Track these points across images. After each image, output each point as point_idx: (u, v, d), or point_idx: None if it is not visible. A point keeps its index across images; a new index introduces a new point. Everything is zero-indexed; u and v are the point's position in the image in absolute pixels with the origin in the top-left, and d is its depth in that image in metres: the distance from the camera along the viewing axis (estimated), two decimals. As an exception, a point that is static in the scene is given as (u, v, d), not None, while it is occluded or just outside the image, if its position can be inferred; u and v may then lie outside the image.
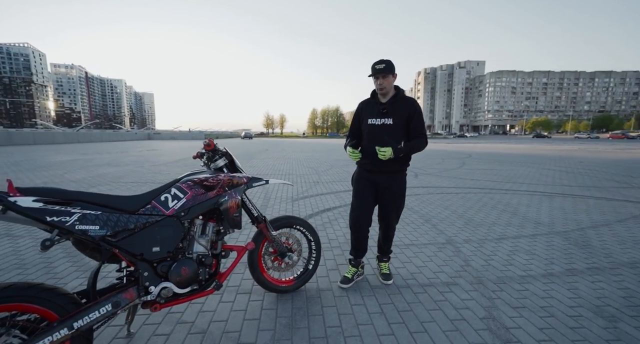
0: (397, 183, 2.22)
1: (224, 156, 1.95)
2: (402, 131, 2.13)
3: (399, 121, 2.11)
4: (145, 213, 1.53)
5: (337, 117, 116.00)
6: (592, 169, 9.47)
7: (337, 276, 2.43)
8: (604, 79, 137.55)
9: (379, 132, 2.14)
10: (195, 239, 1.71)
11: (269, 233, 2.04)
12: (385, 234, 2.37)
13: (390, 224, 2.32)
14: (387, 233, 2.36)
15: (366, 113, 2.23)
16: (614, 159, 13.01)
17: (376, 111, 2.17)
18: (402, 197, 2.26)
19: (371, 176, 2.23)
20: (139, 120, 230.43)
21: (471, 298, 2.06)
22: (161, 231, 1.55)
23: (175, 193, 1.63)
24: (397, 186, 2.22)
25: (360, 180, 2.29)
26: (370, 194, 2.25)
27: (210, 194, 1.71)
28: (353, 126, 2.35)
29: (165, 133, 50.00)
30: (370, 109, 2.21)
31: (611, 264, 2.59)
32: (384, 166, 2.14)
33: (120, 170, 9.14)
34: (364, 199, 2.26)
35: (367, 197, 2.26)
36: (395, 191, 2.22)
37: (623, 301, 2.01)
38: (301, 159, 13.35)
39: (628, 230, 3.52)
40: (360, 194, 2.27)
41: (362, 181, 2.27)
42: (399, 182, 2.23)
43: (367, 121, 2.20)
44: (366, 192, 2.25)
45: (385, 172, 2.19)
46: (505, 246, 3.03)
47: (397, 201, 2.25)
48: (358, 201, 2.28)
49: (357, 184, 2.30)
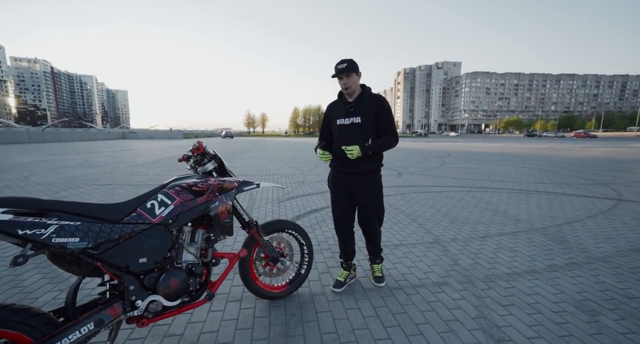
0: (370, 184, 2.17)
1: (213, 159, 1.87)
2: (372, 129, 2.10)
3: (367, 119, 2.08)
4: (130, 222, 1.43)
5: (318, 116, 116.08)
6: (561, 167, 10.05)
7: (329, 280, 2.41)
8: (568, 81, 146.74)
9: (348, 132, 2.12)
10: (184, 248, 1.63)
11: (261, 239, 1.98)
12: (370, 239, 2.31)
13: (372, 227, 2.26)
14: (372, 237, 2.30)
15: (335, 114, 2.21)
16: (579, 157, 13.89)
17: (344, 110, 2.15)
18: (378, 198, 2.21)
19: (345, 178, 2.20)
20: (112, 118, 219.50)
21: (462, 298, 2.10)
22: (148, 241, 1.46)
23: (162, 199, 1.54)
24: (371, 188, 2.17)
25: (334, 183, 2.27)
26: (346, 196, 2.22)
27: (200, 200, 1.63)
28: (323, 128, 2.33)
29: (142, 132, 47.81)
30: (338, 109, 2.19)
31: (587, 259, 2.74)
32: (355, 167, 2.11)
33: (93, 172, 8.64)
34: (340, 202, 2.24)
35: (343, 200, 2.23)
36: (370, 192, 2.18)
37: (601, 295, 2.12)
38: (284, 159, 13.23)
39: (598, 225, 3.75)
40: (336, 197, 2.26)
41: (337, 184, 2.25)
42: (373, 183, 2.18)
43: (336, 121, 2.17)
44: (341, 194, 2.23)
45: (357, 173, 2.15)
46: (490, 244, 3.13)
47: (374, 202, 2.20)
48: (335, 205, 2.28)
49: (332, 187, 2.28)
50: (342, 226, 2.29)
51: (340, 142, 2.15)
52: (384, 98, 2.15)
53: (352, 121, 2.12)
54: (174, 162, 11.54)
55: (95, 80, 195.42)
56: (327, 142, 2.31)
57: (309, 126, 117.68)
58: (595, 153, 16.06)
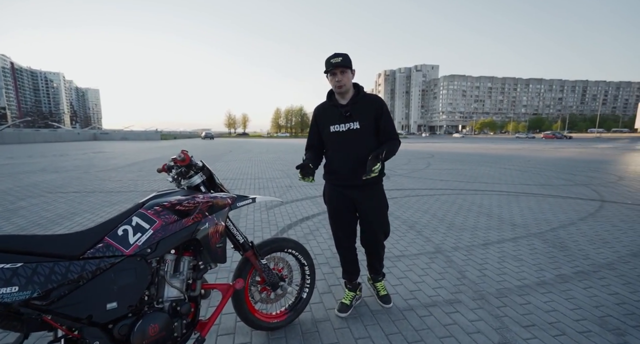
0: (375, 197, 1.93)
1: (201, 171, 1.58)
2: (371, 134, 1.86)
3: (366, 124, 1.83)
4: (95, 256, 1.12)
5: (300, 116, 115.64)
6: (539, 167, 10.39)
7: (332, 301, 2.17)
8: (536, 85, 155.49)
9: (345, 140, 1.85)
10: (166, 282, 1.33)
11: (258, 262, 1.71)
12: (375, 255, 2.07)
13: (376, 241, 2.02)
14: (376, 250, 2.05)
15: (326, 119, 1.92)
16: (553, 157, 14.53)
17: (337, 115, 1.85)
18: (382, 211, 1.98)
19: (345, 192, 1.93)
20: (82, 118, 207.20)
21: (479, 318, 1.93)
22: (119, 279, 1.15)
23: (138, 223, 1.24)
24: (376, 201, 1.93)
25: (333, 198, 1.99)
26: (347, 211, 1.97)
27: (186, 222, 1.34)
28: (311, 135, 2.03)
29: (115, 133, 45.22)
30: (330, 114, 1.90)
31: (592, 267, 2.67)
32: (355, 178, 1.82)
33: (58, 177, 7.89)
34: (342, 219, 2.00)
35: (344, 216, 1.99)
36: (376, 206, 1.94)
37: (619, 309, 2.02)
38: (269, 161, 12.85)
39: (591, 228, 3.76)
40: (337, 213, 2.00)
41: (336, 199, 1.97)
42: (378, 196, 1.95)
43: (329, 128, 1.88)
44: (342, 210, 1.98)
45: (359, 186, 1.87)
46: (493, 252, 3.02)
47: (379, 217, 1.96)
48: (336, 222, 2.02)
49: (331, 203, 2.01)
50: (345, 245, 2.05)
51: (338, 151, 1.90)
52: (380, 98, 1.90)
53: (349, 127, 1.83)
54: (152, 165, 10.86)
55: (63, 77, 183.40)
56: (315, 152, 2.01)
57: (291, 126, 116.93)
58: (566, 154, 16.89)
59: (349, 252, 2.07)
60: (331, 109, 1.91)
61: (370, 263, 2.12)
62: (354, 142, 1.85)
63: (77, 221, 4.07)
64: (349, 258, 2.08)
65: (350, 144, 1.85)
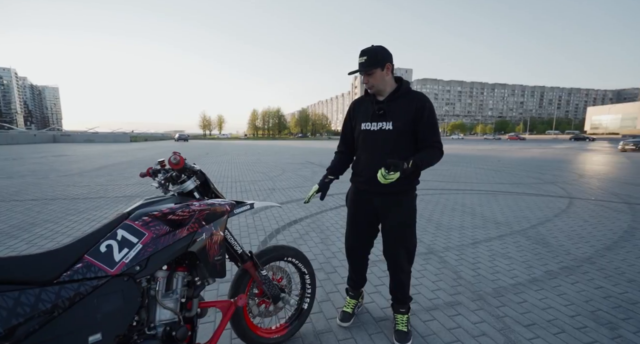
0: (402, 208, 1.70)
1: (194, 176, 1.42)
2: (406, 138, 1.64)
3: (401, 125, 1.61)
4: (73, 279, 0.95)
5: (278, 118, 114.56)
6: (510, 167, 10.98)
7: (332, 309, 2.07)
8: (501, 90, 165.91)
9: (375, 141, 1.67)
10: (158, 303, 1.16)
11: (258, 274, 1.57)
12: (395, 276, 1.80)
13: (399, 264, 1.76)
14: (397, 275, 1.78)
15: (360, 115, 1.74)
16: (520, 157, 15.46)
17: (370, 112, 1.68)
18: (410, 228, 1.74)
19: (369, 198, 1.75)
20: (39, 119, 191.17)
21: (482, 320, 1.92)
22: (104, 304, 0.98)
23: (125, 237, 1.07)
24: (402, 213, 1.70)
25: (355, 202, 1.82)
26: (367, 220, 1.79)
27: (180, 233, 1.18)
28: (344, 132, 1.87)
29: (78, 135, 41.86)
30: (365, 109, 1.73)
31: (575, 262, 2.79)
32: (382, 185, 1.56)
33: (11, 183, 7.12)
34: (359, 227, 1.83)
35: (363, 224, 1.81)
36: (400, 219, 1.70)
37: (607, 303, 2.11)
38: (248, 163, 12.51)
39: (566, 224, 3.97)
40: (355, 219, 1.83)
41: (358, 204, 1.80)
42: (405, 208, 1.70)
43: (361, 125, 1.72)
44: (362, 217, 1.80)
45: (387, 193, 1.67)
46: (483, 251, 3.07)
47: (404, 232, 1.72)
48: (352, 229, 1.86)
49: (351, 207, 1.85)
50: (357, 253, 1.90)
51: (366, 152, 1.71)
52: (426, 98, 1.64)
53: (381, 127, 1.64)
54: (122, 169, 10.16)
55: (15, 74, 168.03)
56: (342, 161, 1.89)
57: (268, 128, 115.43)
58: (531, 154, 18.06)
59: (359, 262, 1.92)
60: (366, 104, 1.73)
61: (392, 285, 1.84)
62: (384, 144, 1.64)
63: (38, 232, 3.65)
64: (357, 268, 1.94)
65: (379, 146, 1.66)
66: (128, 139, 42.68)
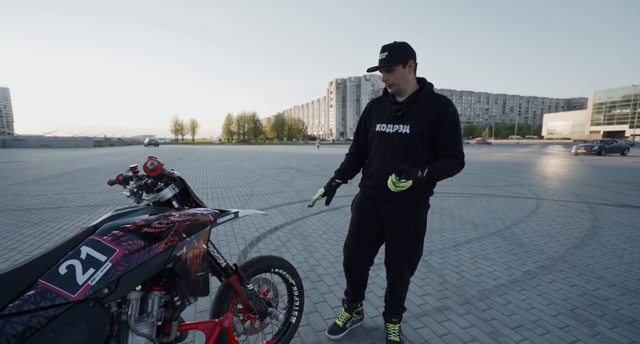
0: (411, 219, 1.57)
1: (172, 183, 1.28)
2: (424, 144, 1.52)
3: (419, 129, 1.49)
4: (22, 310, 0.79)
5: (253, 123, 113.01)
6: (480, 170, 11.53)
7: (320, 321, 1.98)
8: (468, 97, 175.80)
9: (389, 144, 1.55)
10: (130, 329, 1.02)
11: (244, 289, 1.45)
12: (393, 287, 1.72)
13: (399, 275, 1.67)
14: (395, 287, 1.71)
15: (376, 115, 1.64)
16: (488, 160, 16.35)
17: (388, 113, 1.56)
18: (417, 240, 1.61)
19: (378, 205, 1.62)
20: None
21: (471, 325, 1.91)
22: (62, 338, 0.83)
23: (90, 255, 0.92)
24: (410, 224, 1.57)
25: (360, 208, 1.70)
26: (372, 229, 1.66)
27: (157, 247, 1.04)
28: (358, 132, 1.75)
29: (33, 139, 38.14)
30: (382, 109, 1.62)
31: (549, 261, 2.92)
32: (392, 193, 1.46)
33: (-48, 193, 6.30)
34: (362, 236, 1.70)
35: (367, 233, 1.68)
36: (408, 230, 1.58)
37: (583, 301, 2.20)
38: (224, 169, 12.12)
39: (537, 225, 4.18)
40: (358, 227, 1.71)
41: (363, 210, 1.68)
42: (415, 218, 1.57)
43: (376, 126, 1.60)
44: (366, 226, 1.67)
45: (394, 202, 1.55)
46: (464, 253, 3.13)
47: (410, 244, 1.61)
48: (354, 237, 1.73)
49: (356, 214, 1.72)
50: (355, 264, 1.76)
51: (379, 156, 1.59)
52: (450, 102, 1.53)
53: (397, 130, 1.53)
54: (85, 176, 9.39)
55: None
56: (353, 163, 1.78)
57: (243, 133, 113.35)
58: (497, 157, 19.18)
59: (357, 275, 1.79)
60: (384, 104, 1.62)
61: (388, 295, 1.77)
62: (398, 148, 1.53)
63: (-17, 249, 3.21)
64: (355, 282, 1.81)
65: (393, 150, 1.54)
66: (91, 144, 39.76)
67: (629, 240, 3.52)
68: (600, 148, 21.23)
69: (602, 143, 22.24)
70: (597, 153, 21.11)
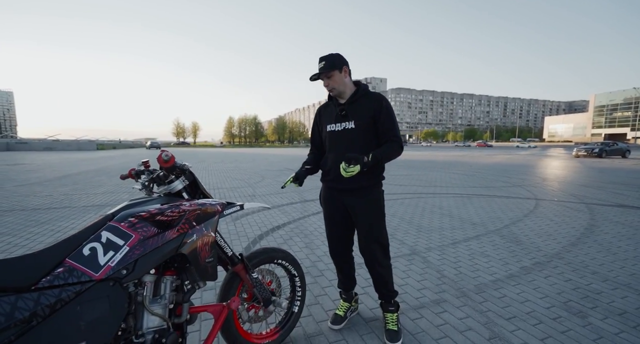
0: (369, 203, 1.76)
1: (182, 176, 1.37)
2: (369, 135, 1.75)
3: (362, 123, 1.72)
4: (54, 285, 0.88)
5: (255, 125, 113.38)
6: (481, 171, 11.59)
7: (321, 312, 2.05)
8: (469, 99, 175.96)
9: (340, 140, 1.78)
10: (146, 309, 1.10)
11: (249, 277, 1.53)
12: (373, 270, 1.85)
13: (376, 259, 1.81)
14: (374, 269, 1.84)
15: (325, 118, 1.88)
16: (489, 162, 16.39)
17: (334, 114, 1.81)
18: (378, 220, 1.79)
19: (340, 196, 1.82)
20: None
21: (467, 316, 1.98)
22: (88, 312, 0.92)
23: (110, 239, 1.01)
24: (370, 207, 1.77)
25: (328, 201, 1.88)
26: (341, 216, 1.85)
27: (170, 234, 1.13)
28: (313, 135, 2.00)
29: (37, 142, 38.42)
30: (329, 112, 1.86)
31: (545, 257, 2.99)
32: (350, 182, 1.70)
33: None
34: (335, 226, 1.89)
35: (337, 222, 1.87)
36: (369, 213, 1.77)
37: (576, 294, 2.26)
38: (226, 170, 12.23)
39: (535, 224, 4.24)
40: (331, 219, 1.89)
41: (331, 203, 1.87)
42: (373, 202, 1.77)
43: (327, 127, 1.84)
44: (335, 215, 1.86)
45: (353, 189, 1.76)
46: (462, 250, 3.20)
47: (373, 226, 1.78)
48: (330, 229, 1.92)
49: (324, 207, 1.92)
50: (339, 254, 1.94)
51: (333, 151, 1.81)
52: (382, 97, 1.77)
53: (345, 127, 1.76)
54: (90, 178, 9.52)
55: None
56: (315, 156, 1.97)
57: (245, 136, 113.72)
58: (498, 160, 19.21)
59: (343, 261, 1.95)
60: (330, 108, 1.86)
61: (374, 282, 1.90)
62: (348, 143, 1.75)
63: (-7, 246, 3.31)
64: (342, 268, 1.96)
65: (344, 144, 1.76)
66: (94, 146, 39.99)
67: (625, 238, 3.58)
68: (600, 150, 21.24)
69: (603, 145, 22.25)
70: (597, 155, 21.12)
